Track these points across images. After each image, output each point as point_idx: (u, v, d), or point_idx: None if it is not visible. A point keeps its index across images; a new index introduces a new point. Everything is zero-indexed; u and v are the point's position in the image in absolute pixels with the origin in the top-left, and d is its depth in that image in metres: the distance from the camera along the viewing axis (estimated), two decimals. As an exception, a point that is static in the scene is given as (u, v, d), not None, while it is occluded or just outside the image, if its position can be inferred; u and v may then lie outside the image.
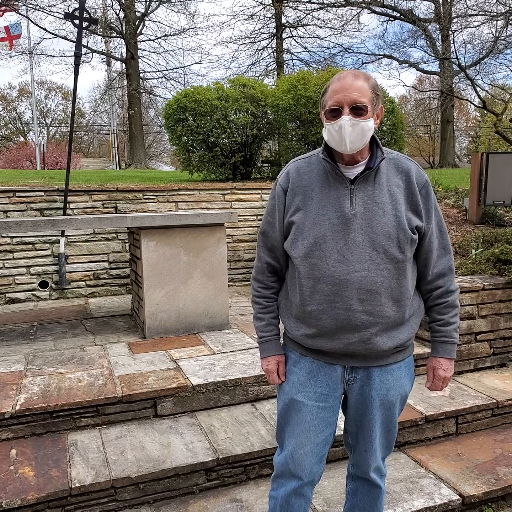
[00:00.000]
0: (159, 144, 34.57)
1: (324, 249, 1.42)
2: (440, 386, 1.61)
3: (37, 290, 4.85)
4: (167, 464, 2.17)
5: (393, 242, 1.41)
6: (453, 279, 1.56)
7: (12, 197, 4.78)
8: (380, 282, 1.41)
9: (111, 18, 17.67)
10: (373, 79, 1.44)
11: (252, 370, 2.78)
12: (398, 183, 1.46)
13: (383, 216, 1.42)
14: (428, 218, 1.48)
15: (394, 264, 1.42)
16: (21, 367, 2.92)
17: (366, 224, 1.41)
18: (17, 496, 1.95)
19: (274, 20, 19.73)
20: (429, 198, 1.49)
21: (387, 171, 1.47)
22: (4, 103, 34.27)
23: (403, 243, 1.42)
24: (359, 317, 1.43)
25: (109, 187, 5.08)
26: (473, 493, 2.17)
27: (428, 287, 1.56)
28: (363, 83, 1.39)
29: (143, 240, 3.40)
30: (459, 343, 3.07)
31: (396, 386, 1.54)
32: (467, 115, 32.86)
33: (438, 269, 1.53)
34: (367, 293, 1.41)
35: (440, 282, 1.54)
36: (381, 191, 1.44)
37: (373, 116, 1.42)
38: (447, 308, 1.55)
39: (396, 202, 1.44)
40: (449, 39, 16.64)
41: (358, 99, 1.38)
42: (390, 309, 1.45)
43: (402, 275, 1.44)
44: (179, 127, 6.85)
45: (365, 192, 1.43)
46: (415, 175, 1.47)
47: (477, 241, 3.85)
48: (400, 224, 1.42)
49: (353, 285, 1.41)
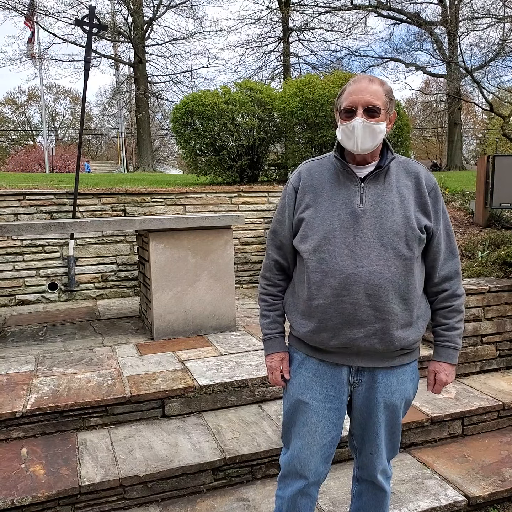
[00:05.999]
0: (167, 147, 34.77)
1: (333, 243, 1.45)
2: (440, 390, 1.64)
3: (46, 292, 4.92)
4: (175, 464, 2.20)
5: (401, 239, 1.44)
6: (459, 283, 1.57)
7: (22, 200, 4.85)
8: (387, 278, 1.43)
9: (119, 23, 17.84)
10: (387, 85, 1.50)
11: (259, 372, 2.81)
12: (407, 184, 1.50)
13: (392, 214, 1.45)
14: (437, 219, 1.51)
15: (402, 261, 1.44)
16: (32, 367, 2.97)
17: (375, 221, 1.45)
18: (28, 494, 1.99)
19: (281, 24, 19.81)
20: (438, 200, 1.52)
21: (397, 173, 1.51)
22: (14, 107, 34.68)
23: (411, 241, 1.45)
24: (365, 311, 1.44)
25: (118, 190, 5.13)
26: (478, 494, 2.18)
27: (435, 290, 1.57)
28: (378, 87, 1.45)
29: (152, 242, 3.45)
30: (464, 345, 3.08)
31: (401, 390, 1.55)
32: (474, 117, 32.72)
33: (445, 272, 1.54)
34: (374, 288, 1.43)
35: (447, 285, 1.55)
36: (391, 190, 1.48)
37: (385, 119, 1.47)
38: (452, 313, 1.56)
39: (405, 202, 1.47)
40: (456, 42, 16.60)
41: (372, 101, 1.43)
42: (397, 306, 1.45)
43: (410, 272, 1.46)
44: (186, 131, 6.90)
45: (374, 190, 1.47)
46: (424, 177, 1.51)
47: (484, 243, 3.85)
48: (409, 222, 1.45)
49: (360, 279, 1.43)
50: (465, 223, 4.57)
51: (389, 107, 1.48)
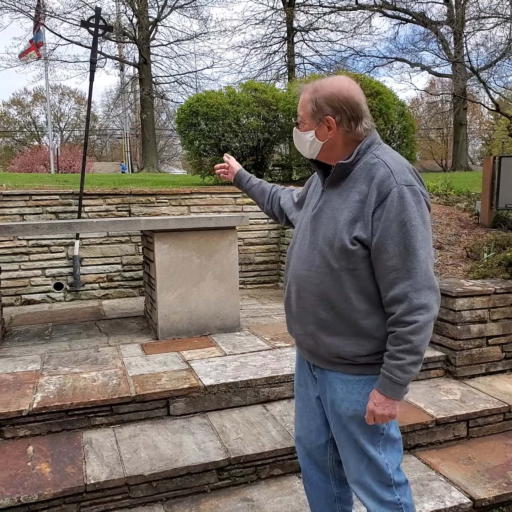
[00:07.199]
0: (171, 148, 34.84)
1: (295, 244, 1.57)
2: (369, 420, 1.41)
3: (52, 292, 4.94)
4: (180, 463, 2.21)
5: (331, 248, 1.40)
6: (411, 310, 1.33)
7: (28, 200, 4.88)
8: (315, 284, 1.45)
9: (124, 24, 17.91)
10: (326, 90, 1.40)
11: (263, 372, 2.81)
12: (362, 189, 1.38)
13: (328, 221, 1.44)
14: (382, 231, 1.33)
15: (330, 270, 1.41)
16: (37, 366, 2.99)
17: (316, 227, 1.49)
18: (35, 491, 2.00)
19: (285, 24, 19.82)
20: (389, 210, 1.32)
21: (358, 176, 1.40)
22: (20, 108, 34.87)
23: (338, 251, 1.39)
24: (300, 311, 1.52)
25: (123, 191, 5.15)
26: (484, 496, 2.17)
27: (386, 310, 1.40)
28: (305, 96, 1.46)
29: (157, 243, 3.46)
30: (469, 347, 3.07)
31: (351, 400, 1.46)
32: (480, 118, 32.57)
33: (394, 292, 1.35)
34: (304, 291, 1.49)
35: (393, 308, 1.36)
36: (342, 196, 1.43)
37: (315, 128, 1.44)
38: (396, 340, 1.35)
39: (347, 209, 1.39)
40: (462, 42, 16.55)
41: (298, 111, 1.50)
42: (327, 313, 1.44)
43: (338, 283, 1.40)
44: (191, 132, 6.92)
45: (329, 195, 1.49)
46: (379, 181, 1.35)
47: (489, 244, 3.84)
48: (338, 232, 1.39)
49: (296, 281, 1.51)
50: (470, 224, 4.56)
51: (318, 115, 1.41)
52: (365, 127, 1.43)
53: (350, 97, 1.40)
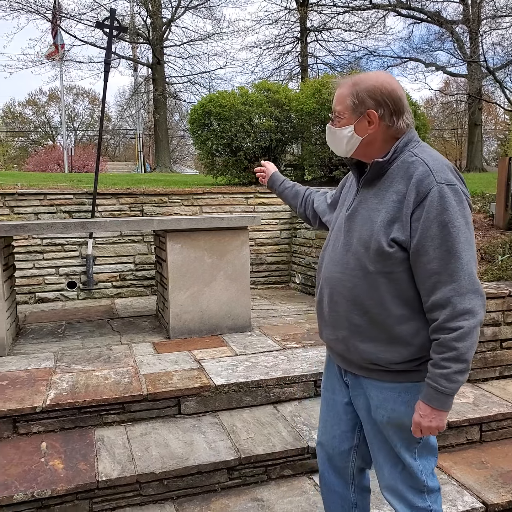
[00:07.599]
0: (183, 148, 35.00)
1: (328, 245, 1.52)
2: (415, 432, 1.36)
3: (65, 290, 5.00)
4: (190, 462, 2.22)
5: (366, 250, 1.35)
6: (455, 315, 1.27)
7: (43, 200, 4.95)
8: (348, 287, 1.39)
9: (138, 25, 18.03)
10: (365, 83, 1.36)
11: (274, 373, 2.81)
12: (400, 189, 1.32)
13: (364, 222, 1.37)
14: (421, 232, 1.28)
15: (365, 273, 1.36)
16: (51, 364, 3.03)
17: (350, 228, 1.43)
18: (48, 487, 2.03)
19: (298, 24, 19.76)
20: (430, 210, 1.26)
21: (395, 175, 1.35)
22: (35, 108, 35.34)
23: (374, 254, 1.33)
24: (332, 315, 1.48)
25: (136, 191, 5.20)
26: (497, 501, 2.14)
27: (428, 316, 1.33)
28: (343, 90, 1.40)
29: (169, 242, 3.48)
30: (483, 350, 3.03)
31: (386, 407, 1.42)
32: (495, 118, 32.15)
33: (436, 297, 1.29)
34: (337, 295, 1.44)
35: (436, 314, 1.29)
36: (378, 195, 1.37)
37: (353, 123, 1.38)
38: (440, 347, 1.28)
39: (384, 209, 1.34)
40: (478, 41, 16.34)
41: (334, 107, 1.44)
42: (360, 317, 1.40)
43: (373, 287, 1.35)
44: (203, 132, 6.95)
45: (365, 195, 1.42)
46: (417, 181, 1.29)
47: (504, 247, 3.79)
48: (374, 233, 1.33)
49: (329, 284, 1.47)
50: (485, 225, 4.50)
51: (359, 109, 1.36)
52: (407, 122, 1.38)
53: (393, 90, 1.35)
